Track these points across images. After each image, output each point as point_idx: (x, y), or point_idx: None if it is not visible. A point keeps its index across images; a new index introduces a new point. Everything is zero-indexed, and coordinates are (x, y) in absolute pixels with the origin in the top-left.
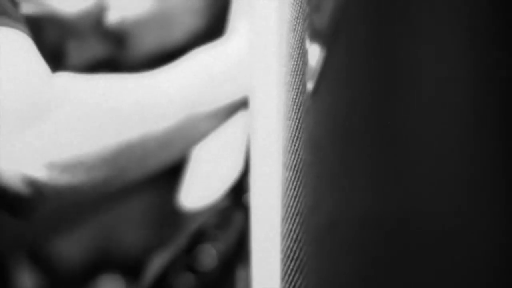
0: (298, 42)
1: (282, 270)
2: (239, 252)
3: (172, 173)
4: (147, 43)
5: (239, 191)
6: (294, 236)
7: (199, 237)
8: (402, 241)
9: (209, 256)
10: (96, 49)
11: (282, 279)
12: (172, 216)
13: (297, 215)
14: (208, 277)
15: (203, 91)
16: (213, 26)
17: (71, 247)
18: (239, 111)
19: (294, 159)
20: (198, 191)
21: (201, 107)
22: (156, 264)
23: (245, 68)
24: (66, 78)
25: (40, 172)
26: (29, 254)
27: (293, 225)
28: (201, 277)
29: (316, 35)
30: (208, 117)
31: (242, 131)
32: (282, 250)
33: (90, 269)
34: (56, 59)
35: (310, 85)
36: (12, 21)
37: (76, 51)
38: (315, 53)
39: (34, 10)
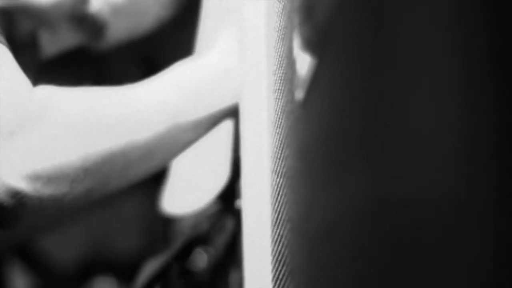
0: (286, 51)
1: (274, 274)
2: (230, 257)
3: (162, 179)
4: (119, 32)
5: (229, 197)
6: (285, 242)
7: (191, 242)
8: (398, 242)
9: (201, 260)
10: (69, 38)
11: (274, 283)
12: (162, 220)
13: (288, 220)
14: (200, 281)
15: (185, 101)
16: (179, 16)
17: (64, 249)
18: (222, 120)
19: (284, 165)
20: (187, 196)
21: (183, 118)
22: (147, 269)
23: (228, 78)
24: (47, 90)
25: (23, 184)
26: (22, 255)
27: (284, 230)
28: (193, 281)
29: (306, 45)
30: (190, 128)
31: (227, 139)
32: (273, 255)
33: (83, 271)
34: (29, 48)
35: (300, 94)
36: None
37: (49, 40)
38: (305, 63)
39: (6, 2)
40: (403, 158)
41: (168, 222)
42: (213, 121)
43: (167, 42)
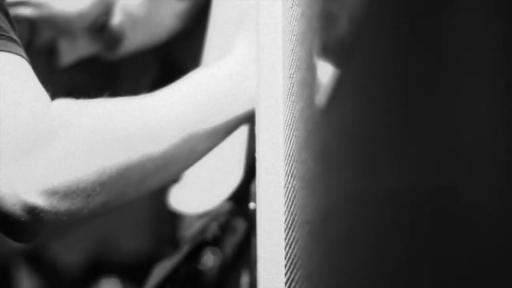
0: (306, 55)
1: (288, 277)
2: (241, 258)
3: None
4: (133, 43)
5: (241, 198)
6: (302, 245)
7: (201, 244)
8: (424, 246)
9: (210, 261)
10: (87, 47)
11: (288, 286)
12: (169, 221)
13: (305, 223)
14: (210, 282)
15: (200, 110)
16: (190, 28)
17: (70, 251)
18: (239, 127)
19: (301, 169)
20: (198, 196)
21: (199, 127)
22: (158, 271)
23: (243, 84)
24: (64, 104)
25: (39, 199)
26: (29, 257)
27: (300, 233)
28: (203, 282)
29: (329, 51)
30: (206, 136)
31: (241, 141)
32: (287, 258)
33: (89, 272)
34: (47, 56)
35: (321, 100)
36: (12, 44)
37: (67, 49)
38: (327, 69)
39: (31, 12)
40: (429, 162)
41: (176, 224)
42: (230, 128)
43: (185, 43)
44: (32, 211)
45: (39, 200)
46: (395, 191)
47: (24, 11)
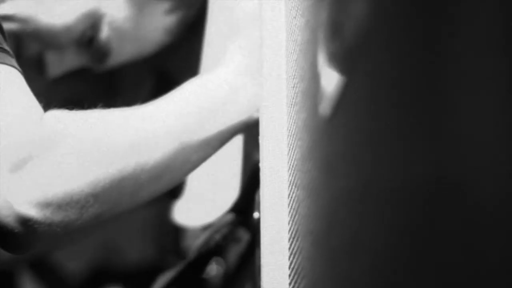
0: (310, 65)
1: (293, 286)
2: (245, 268)
3: (175, 190)
4: (121, 56)
5: (245, 208)
6: (306, 254)
7: (205, 254)
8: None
9: (215, 271)
10: (74, 60)
11: None
12: (173, 231)
13: (309, 233)
14: None
15: (193, 121)
16: (181, 40)
17: (74, 258)
18: (233, 137)
19: (305, 178)
20: (200, 208)
21: (192, 137)
22: (161, 280)
23: (236, 94)
24: (57, 116)
25: (33, 211)
26: (32, 264)
27: (304, 243)
28: None
29: (334, 60)
30: (200, 147)
31: (238, 152)
32: (291, 267)
33: (93, 280)
34: (35, 68)
35: (325, 109)
36: (4, 55)
37: (54, 61)
38: (331, 78)
39: (16, 27)
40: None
41: (180, 234)
42: (223, 138)
43: (180, 55)
44: (26, 222)
45: (32, 212)
46: (400, 199)
47: (10, 25)
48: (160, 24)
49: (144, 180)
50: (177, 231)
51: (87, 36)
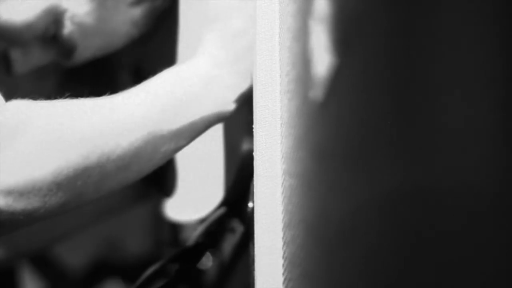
0: (301, 51)
1: (286, 276)
2: (240, 258)
3: (171, 185)
4: (88, 51)
5: (238, 199)
6: (299, 242)
7: (199, 245)
8: (418, 242)
9: (210, 261)
10: (40, 57)
11: (285, 284)
12: (171, 225)
13: (302, 222)
14: (210, 282)
15: (164, 110)
16: (146, 34)
17: (74, 253)
18: (206, 129)
19: (298, 167)
20: (193, 202)
21: (162, 127)
22: (150, 269)
23: (209, 85)
24: (20, 104)
25: None
26: (32, 259)
27: (297, 231)
28: (201, 283)
29: (326, 47)
30: (170, 137)
31: (220, 143)
32: (285, 256)
33: (92, 275)
34: (0, 66)
35: (317, 96)
36: None
37: (20, 59)
38: (323, 64)
39: None
40: (426, 157)
41: (177, 227)
42: (195, 129)
43: (154, 48)
44: None
45: None
46: (393, 188)
47: None
48: (126, 16)
49: (110, 169)
50: (174, 225)
51: (50, 32)
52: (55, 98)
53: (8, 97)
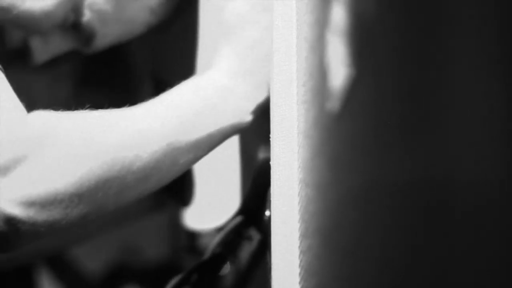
0: (318, 62)
1: (302, 285)
2: (256, 267)
3: (185, 193)
4: (107, 38)
5: (255, 208)
6: (316, 252)
7: (218, 255)
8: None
9: (227, 269)
10: (60, 45)
11: None
12: (188, 233)
13: (319, 231)
14: None
15: (182, 122)
16: (164, 21)
17: (91, 258)
18: (224, 139)
19: (315, 176)
20: (211, 211)
21: (181, 139)
22: (173, 282)
23: (227, 96)
24: (42, 116)
25: (17, 210)
26: (50, 264)
27: (313, 241)
28: None
29: (342, 58)
30: (189, 149)
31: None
32: (301, 266)
33: (108, 280)
34: (20, 56)
35: (334, 106)
36: None
37: (40, 47)
38: (340, 76)
39: (1, 17)
40: (441, 162)
41: (194, 235)
42: (213, 141)
43: (171, 59)
44: (9, 221)
45: (16, 211)
46: (407, 196)
47: None
48: (144, 4)
49: (130, 181)
50: (191, 233)
51: (69, 20)
52: (74, 106)
53: (24, 101)
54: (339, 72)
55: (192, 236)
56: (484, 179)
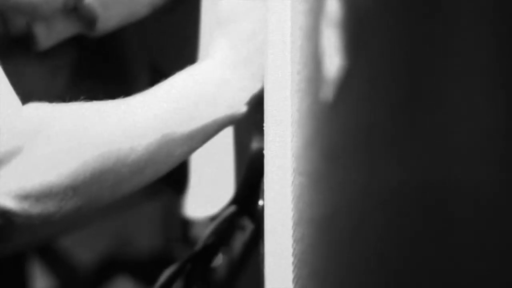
0: (313, 51)
1: (295, 274)
2: (249, 257)
3: (179, 182)
4: (111, 21)
5: (248, 197)
6: (309, 241)
7: (211, 244)
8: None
9: (220, 260)
10: (64, 29)
11: (295, 282)
12: (181, 222)
13: (312, 220)
14: (218, 282)
15: (177, 114)
16: (170, 2)
17: (84, 249)
18: (219, 131)
19: (308, 165)
20: (205, 199)
21: (176, 130)
22: (166, 272)
23: (222, 88)
24: (37, 109)
25: (11, 203)
26: (42, 255)
27: (307, 230)
28: (212, 282)
29: (336, 48)
30: (184, 140)
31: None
32: (294, 254)
33: (101, 270)
34: (25, 43)
35: (328, 95)
36: None
37: (44, 33)
38: (334, 65)
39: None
40: (432, 154)
41: (187, 224)
42: (208, 132)
43: (170, 50)
44: (4, 214)
45: (11, 204)
46: (401, 187)
47: None
48: None
49: (126, 173)
50: (185, 222)
51: (70, 4)
52: (70, 98)
53: (21, 94)
54: (334, 61)
55: (185, 226)
56: (483, 179)
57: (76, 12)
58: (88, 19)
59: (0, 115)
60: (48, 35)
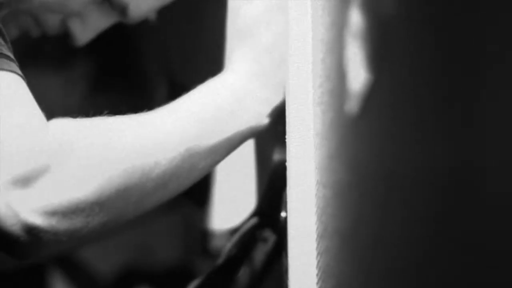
0: (336, 64)
1: (320, 286)
2: (272, 269)
3: (201, 194)
4: (143, 7)
5: (270, 209)
6: (334, 253)
7: (234, 257)
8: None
9: (242, 272)
10: (99, 22)
11: None
12: (202, 234)
13: (336, 233)
14: None
15: (200, 127)
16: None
17: (103, 260)
18: (241, 143)
19: (332, 177)
20: (227, 212)
21: (199, 144)
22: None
23: (244, 100)
24: (62, 124)
25: (39, 220)
26: (63, 265)
27: (331, 242)
28: None
29: (360, 61)
30: (207, 154)
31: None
32: (319, 267)
33: (121, 281)
34: (63, 41)
35: (352, 108)
36: (4, 61)
37: (79, 28)
38: (358, 77)
39: (27, 6)
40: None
41: (208, 236)
42: (231, 144)
43: (190, 63)
44: (31, 231)
45: (38, 220)
46: (425, 197)
47: (22, 6)
48: None
49: (150, 188)
50: (206, 234)
51: None
52: (90, 110)
53: (38, 103)
54: (357, 74)
55: (206, 238)
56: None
57: (107, 1)
58: (119, 7)
59: (26, 131)
60: (84, 30)
